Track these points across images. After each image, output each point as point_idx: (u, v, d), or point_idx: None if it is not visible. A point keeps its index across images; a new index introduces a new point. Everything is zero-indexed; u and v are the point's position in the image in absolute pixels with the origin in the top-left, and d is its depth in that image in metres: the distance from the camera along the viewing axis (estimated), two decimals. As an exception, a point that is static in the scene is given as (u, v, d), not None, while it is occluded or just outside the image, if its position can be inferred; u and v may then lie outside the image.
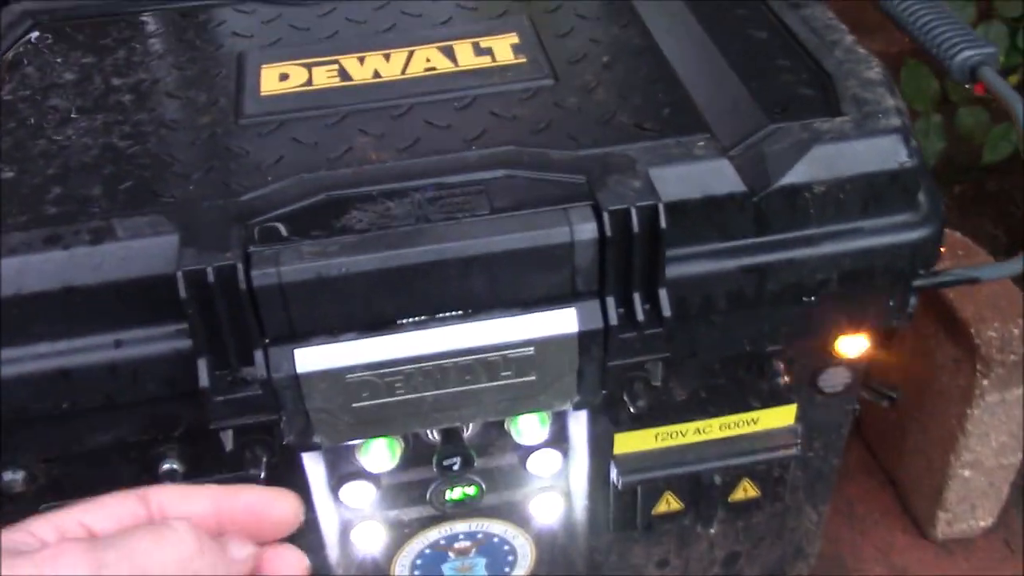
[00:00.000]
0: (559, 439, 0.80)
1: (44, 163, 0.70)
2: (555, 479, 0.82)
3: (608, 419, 0.77)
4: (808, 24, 0.79)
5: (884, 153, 0.67)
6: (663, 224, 0.62)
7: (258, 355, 0.62)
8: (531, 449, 0.79)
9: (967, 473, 1.10)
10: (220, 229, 0.62)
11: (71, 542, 0.38)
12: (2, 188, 0.68)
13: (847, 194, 0.67)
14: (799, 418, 0.81)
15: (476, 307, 0.63)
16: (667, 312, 0.64)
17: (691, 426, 0.79)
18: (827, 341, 0.75)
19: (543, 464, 0.80)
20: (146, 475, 0.72)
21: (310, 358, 0.63)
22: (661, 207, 0.62)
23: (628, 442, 0.79)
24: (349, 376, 0.63)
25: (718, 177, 0.66)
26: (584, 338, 0.64)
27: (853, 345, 0.75)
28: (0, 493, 0.70)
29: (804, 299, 0.69)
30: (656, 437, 0.79)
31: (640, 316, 0.64)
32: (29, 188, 0.68)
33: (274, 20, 0.86)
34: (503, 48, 0.79)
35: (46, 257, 0.62)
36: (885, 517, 1.20)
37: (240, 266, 0.59)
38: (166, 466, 0.72)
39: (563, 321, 0.64)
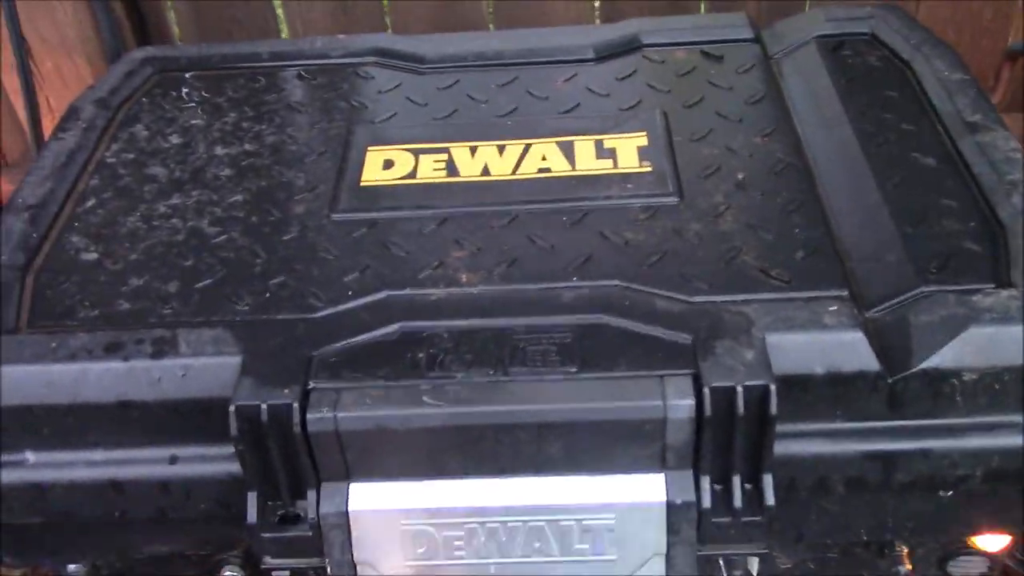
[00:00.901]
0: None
1: (130, 246, 0.68)
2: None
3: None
4: (986, 154, 0.67)
5: (1055, 343, 0.56)
6: (773, 410, 0.54)
7: (311, 493, 0.57)
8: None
9: None
10: (283, 356, 0.58)
11: None
12: (83, 272, 0.66)
13: (1003, 384, 0.56)
14: (923, 598, 0.71)
15: (549, 469, 0.57)
16: (770, 501, 0.56)
17: (795, 593, 0.70)
18: (961, 535, 0.65)
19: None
20: (205, 577, 0.70)
21: (364, 497, 0.57)
22: (773, 390, 0.54)
23: (722, 600, 0.71)
24: (404, 522, 0.58)
25: (848, 352, 0.56)
26: (673, 512, 0.57)
27: (993, 541, 0.65)
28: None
29: (939, 493, 0.59)
30: (754, 599, 0.71)
31: (738, 502, 0.56)
32: (108, 275, 0.65)
33: (392, 90, 0.81)
34: (628, 151, 0.72)
35: (105, 367, 0.59)
36: None
37: (296, 406, 0.55)
38: (227, 574, 0.68)
39: (649, 488, 0.56)
